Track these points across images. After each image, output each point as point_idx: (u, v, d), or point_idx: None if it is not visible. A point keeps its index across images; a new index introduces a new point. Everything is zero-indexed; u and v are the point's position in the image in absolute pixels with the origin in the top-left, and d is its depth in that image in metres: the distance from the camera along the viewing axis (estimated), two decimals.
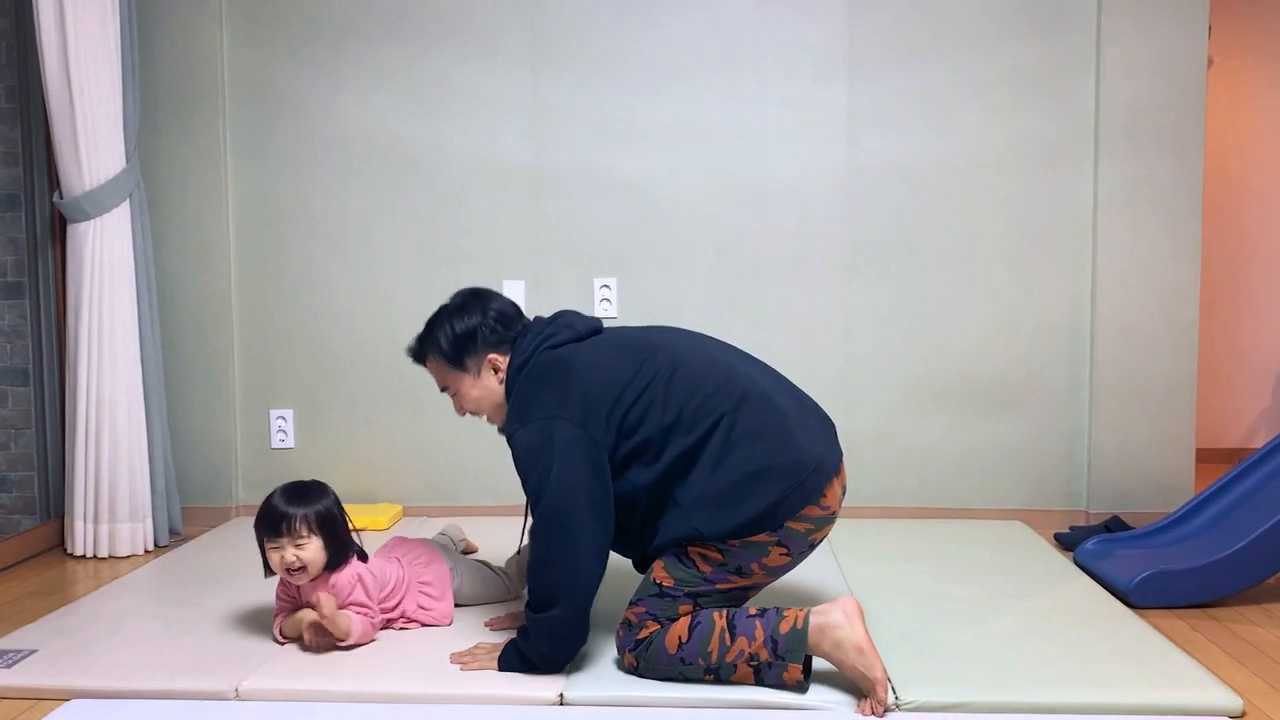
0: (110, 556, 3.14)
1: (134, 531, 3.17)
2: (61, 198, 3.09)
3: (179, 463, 3.51)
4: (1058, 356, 3.44)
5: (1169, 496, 3.37)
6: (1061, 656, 2.21)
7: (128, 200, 3.15)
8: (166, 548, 3.25)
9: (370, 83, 3.50)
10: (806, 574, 2.76)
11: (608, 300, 3.49)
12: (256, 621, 2.46)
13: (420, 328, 2.29)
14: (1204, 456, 4.27)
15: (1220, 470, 3.25)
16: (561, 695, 2.04)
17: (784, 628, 1.98)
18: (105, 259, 3.09)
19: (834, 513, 2.12)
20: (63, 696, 2.10)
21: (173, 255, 3.52)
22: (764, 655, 1.98)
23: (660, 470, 2.06)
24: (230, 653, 2.26)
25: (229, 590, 2.72)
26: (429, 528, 3.36)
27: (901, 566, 2.87)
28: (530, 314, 3.43)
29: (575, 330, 2.21)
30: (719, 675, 2.02)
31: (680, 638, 2.02)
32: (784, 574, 2.14)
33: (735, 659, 1.99)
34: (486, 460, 3.56)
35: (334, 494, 2.35)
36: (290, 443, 3.60)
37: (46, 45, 2.97)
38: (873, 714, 1.93)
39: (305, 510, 2.25)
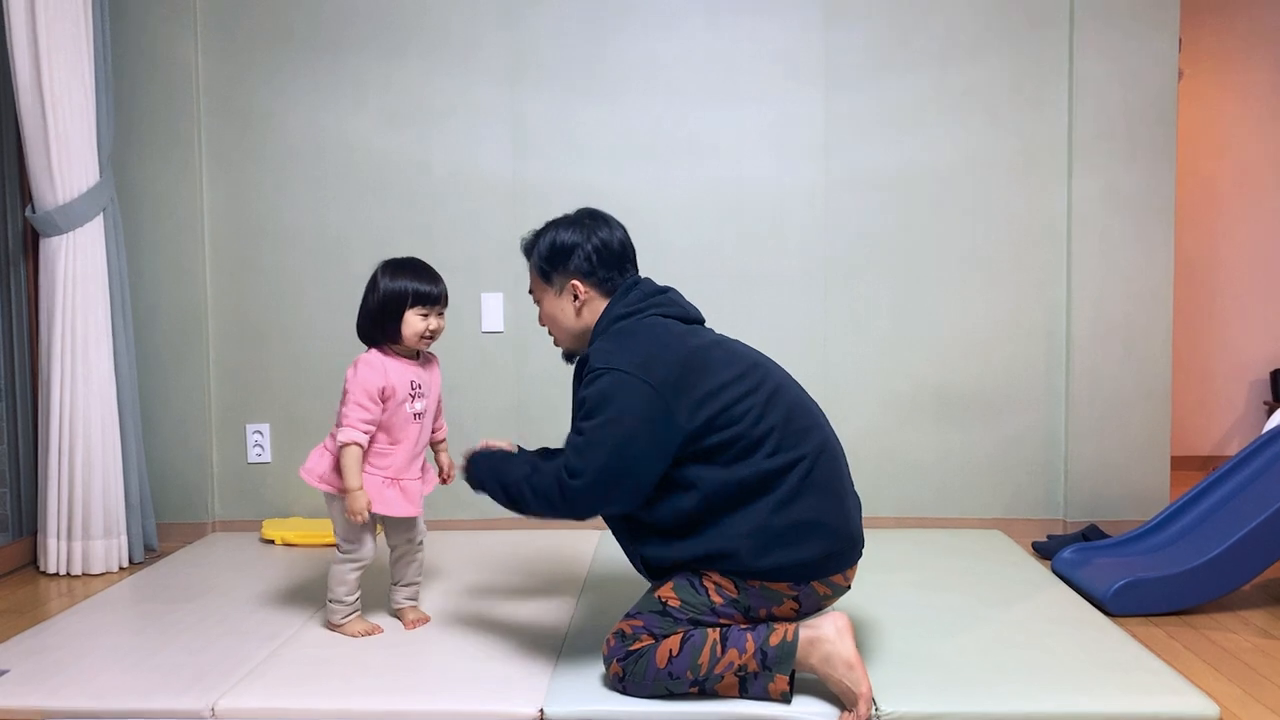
0: (84, 574, 3.11)
1: (108, 548, 3.13)
2: (34, 211, 3.06)
3: (154, 478, 3.48)
4: (1034, 366, 3.46)
5: (1145, 504, 3.40)
6: (1039, 665, 2.22)
7: (101, 214, 3.13)
8: (141, 564, 3.21)
9: (347, 96, 3.50)
10: None
11: None
12: (233, 638, 2.44)
13: None
14: (1179, 464, 4.31)
15: (1195, 478, 3.29)
16: (542, 711, 2.03)
17: (774, 640, 1.98)
18: (78, 273, 3.07)
19: (849, 587, 2.15)
20: (36, 717, 2.07)
21: (147, 269, 3.49)
22: (752, 666, 1.98)
23: (732, 478, 2.00)
24: (206, 671, 2.24)
25: (205, 607, 2.70)
26: None
27: (880, 576, 2.87)
28: (511, 328, 3.49)
29: (685, 311, 2.19)
30: (704, 687, 2.01)
31: (671, 651, 2.01)
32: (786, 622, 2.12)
33: (724, 670, 1.99)
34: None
35: None
36: (267, 457, 3.57)
37: (18, 58, 2.94)
38: None
39: (446, 286, 2.46)
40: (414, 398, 2.44)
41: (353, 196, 3.52)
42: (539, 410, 3.53)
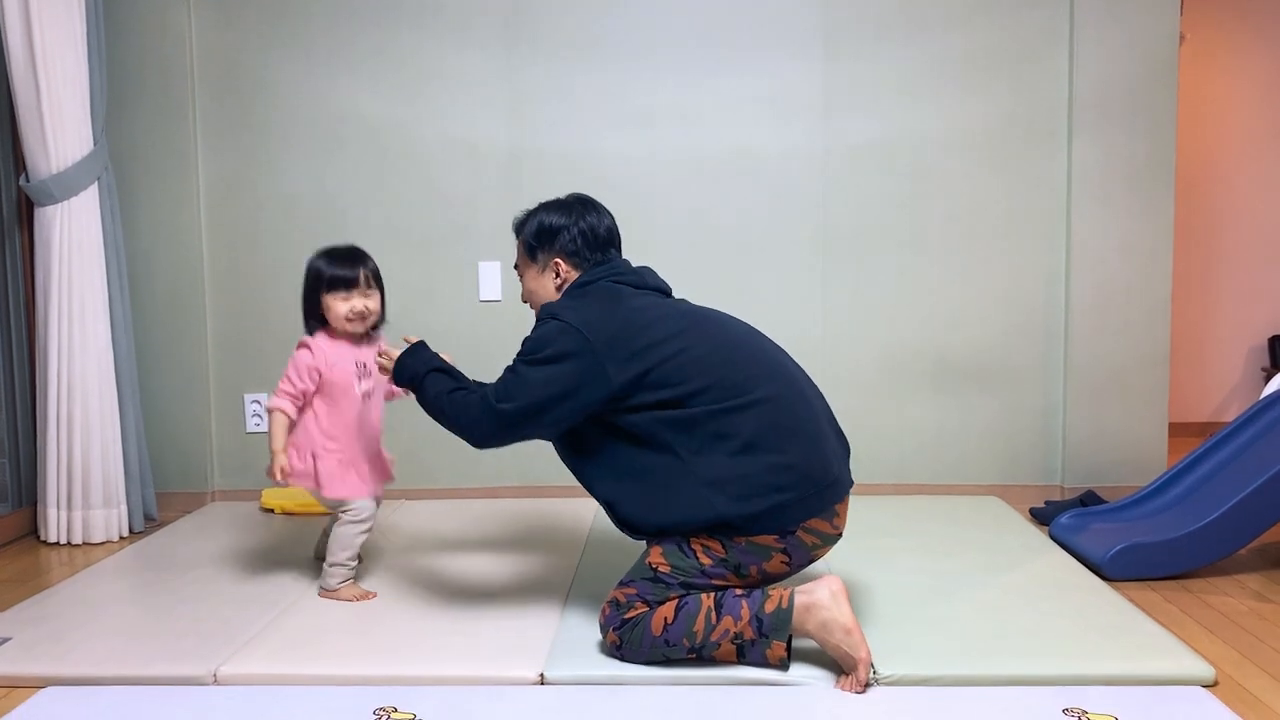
0: (84, 543, 3.12)
1: (108, 517, 3.14)
2: (28, 180, 3.04)
3: (153, 448, 3.48)
4: (1032, 333, 3.46)
5: (1142, 470, 3.41)
6: (1037, 629, 2.23)
7: (96, 183, 3.11)
8: (141, 534, 3.22)
9: (342, 63, 3.47)
10: None
11: None
12: (234, 606, 2.45)
13: (393, 307, 2.32)
14: (1177, 431, 4.31)
15: (1193, 444, 3.28)
16: (542, 675, 2.04)
17: (769, 607, 1.99)
18: (74, 242, 3.05)
19: (840, 534, 2.15)
20: (38, 684, 2.08)
21: (143, 238, 3.47)
22: (748, 634, 1.99)
23: (685, 427, 2.05)
24: (207, 638, 2.25)
25: (205, 575, 2.71)
26: (405, 511, 3.36)
27: (879, 542, 2.88)
28: (508, 297, 3.48)
29: (641, 279, 2.28)
30: (701, 654, 2.02)
31: (666, 619, 2.02)
32: (778, 582, 2.13)
33: (720, 638, 2.00)
34: (463, 442, 3.54)
35: None
36: (265, 427, 3.56)
37: (10, 25, 2.91)
38: (853, 691, 1.95)
39: (369, 265, 2.51)
40: (361, 377, 2.50)
41: (349, 164, 3.50)
42: None
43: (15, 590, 2.68)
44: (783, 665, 2.01)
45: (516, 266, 2.41)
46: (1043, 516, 3.24)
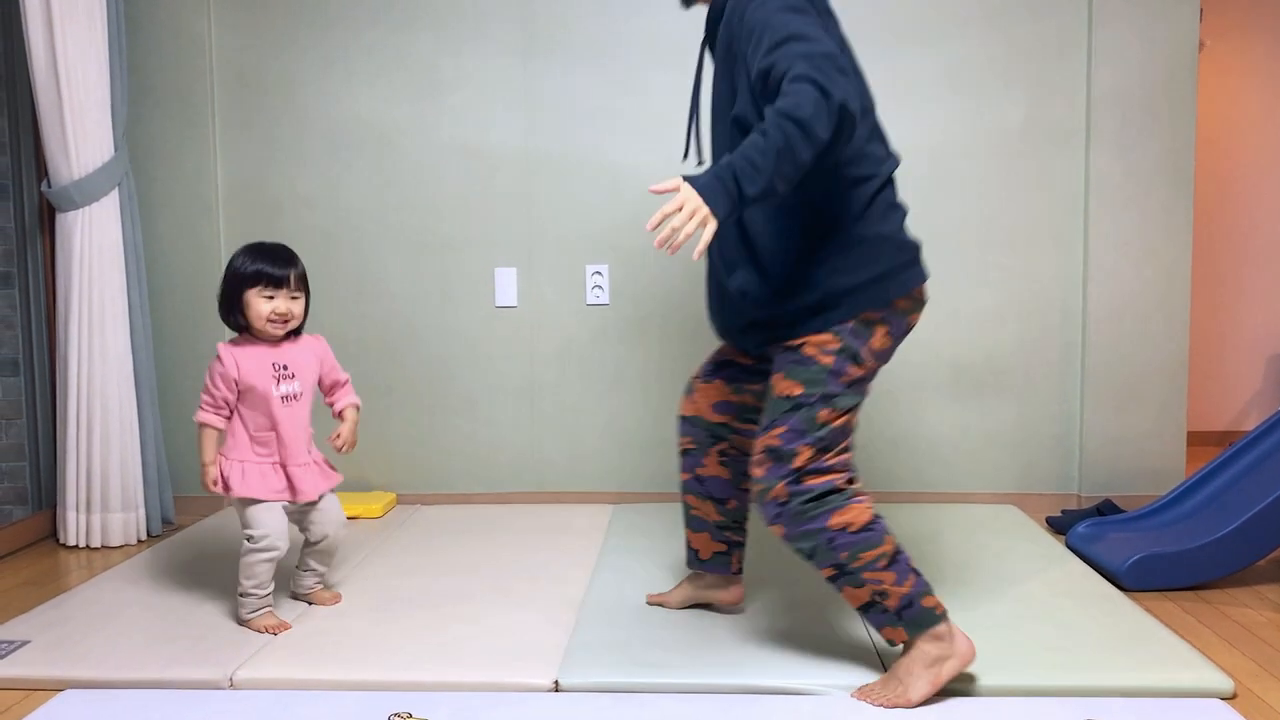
0: (103, 546, 3.13)
1: (126, 521, 3.16)
2: (50, 186, 3.07)
3: (171, 452, 3.50)
4: (1049, 340, 3.44)
5: (1161, 480, 3.38)
6: (1053, 639, 2.22)
7: (116, 189, 3.13)
8: (159, 537, 3.24)
9: (360, 69, 3.49)
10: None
11: (600, 287, 3.48)
12: None
13: (409, 313, 2.29)
14: (1195, 439, 4.29)
15: (1212, 453, 3.27)
16: (556, 682, 2.04)
17: (926, 603, 1.96)
18: (94, 247, 3.08)
19: (925, 300, 2.10)
20: (57, 687, 2.10)
21: (162, 243, 3.50)
22: (893, 602, 1.96)
23: (835, 173, 2.00)
24: (224, 642, 2.26)
25: (223, 580, 2.72)
26: (419, 517, 3.37)
27: None
28: (524, 304, 3.49)
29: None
30: (842, 578, 1.97)
31: (849, 524, 1.95)
32: (887, 360, 2.06)
33: (869, 580, 1.95)
34: (478, 448, 3.56)
35: None
36: None
37: (33, 32, 2.94)
38: (871, 703, 1.94)
39: (299, 267, 2.36)
40: (279, 380, 2.36)
41: (366, 170, 3.52)
42: (552, 386, 3.53)
43: (34, 593, 2.70)
44: (890, 645, 2.02)
45: None
46: (1059, 526, 3.22)
